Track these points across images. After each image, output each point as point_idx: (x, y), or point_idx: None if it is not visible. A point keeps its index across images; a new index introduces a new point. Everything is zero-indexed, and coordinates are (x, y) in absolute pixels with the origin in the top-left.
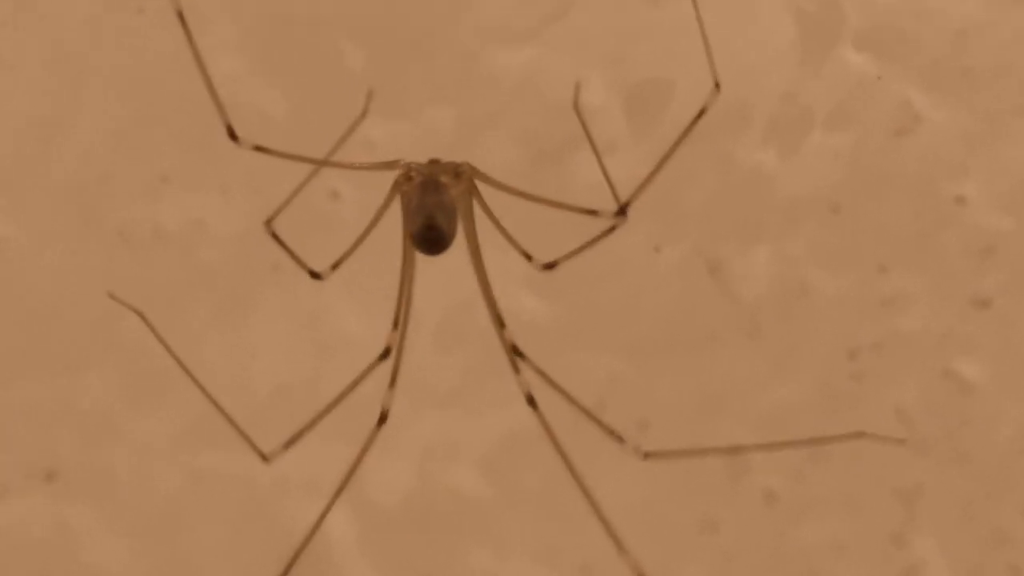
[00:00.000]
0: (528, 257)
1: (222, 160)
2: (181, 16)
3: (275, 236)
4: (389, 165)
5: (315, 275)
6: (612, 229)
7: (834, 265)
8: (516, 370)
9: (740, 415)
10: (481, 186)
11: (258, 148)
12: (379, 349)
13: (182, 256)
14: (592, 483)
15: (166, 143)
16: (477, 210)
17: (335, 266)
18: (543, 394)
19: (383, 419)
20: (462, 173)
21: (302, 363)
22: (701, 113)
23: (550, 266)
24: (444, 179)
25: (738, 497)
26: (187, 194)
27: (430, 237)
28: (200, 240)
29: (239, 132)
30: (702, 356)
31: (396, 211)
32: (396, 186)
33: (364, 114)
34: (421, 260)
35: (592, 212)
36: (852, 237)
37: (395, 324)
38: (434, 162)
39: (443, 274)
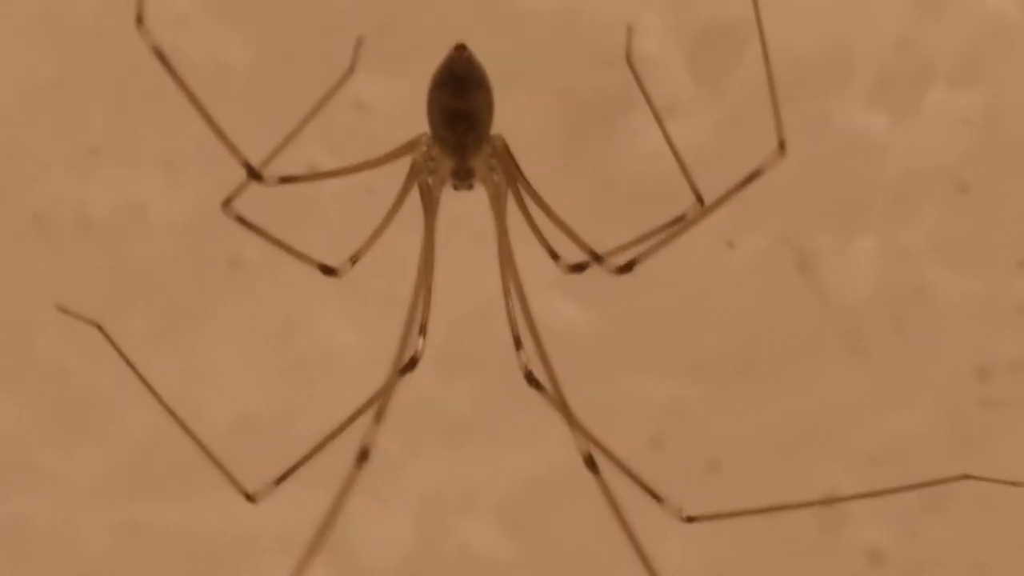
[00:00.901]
0: (554, 256)
1: (165, 128)
2: (161, 55)
3: (242, 220)
4: (408, 147)
5: (328, 271)
6: (681, 219)
7: (960, 260)
8: (572, 423)
9: (839, 453)
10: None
11: (285, 180)
12: (376, 365)
13: (115, 250)
14: (648, 539)
15: (96, 105)
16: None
17: (354, 259)
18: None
19: (363, 456)
20: (496, 148)
21: (272, 386)
22: (755, 175)
23: (579, 268)
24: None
25: (836, 556)
26: (121, 170)
27: (461, 56)
28: (138, 229)
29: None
30: (789, 378)
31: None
32: (414, 172)
33: (352, 69)
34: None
35: (597, 258)
36: (983, 224)
37: (420, 329)
38: None
39: (453, 277)
